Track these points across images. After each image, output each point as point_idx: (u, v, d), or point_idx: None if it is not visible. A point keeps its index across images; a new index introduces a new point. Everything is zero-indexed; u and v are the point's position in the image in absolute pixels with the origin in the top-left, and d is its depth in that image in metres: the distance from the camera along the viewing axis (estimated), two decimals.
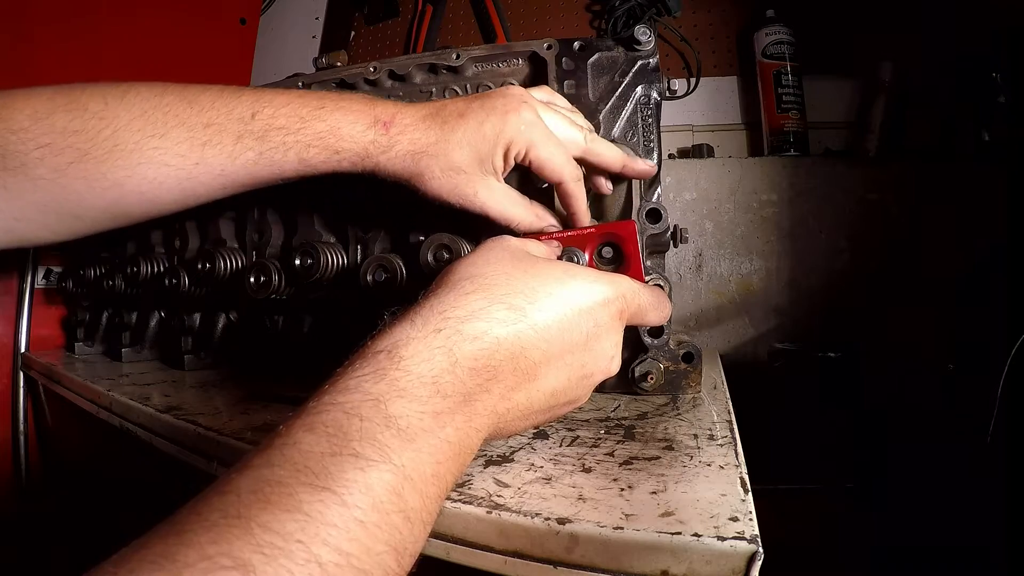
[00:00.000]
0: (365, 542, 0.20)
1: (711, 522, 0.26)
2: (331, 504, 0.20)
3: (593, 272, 0.35)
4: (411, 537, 0.23)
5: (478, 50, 0.56)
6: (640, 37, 0.52)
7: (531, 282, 0.32)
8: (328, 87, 0.62)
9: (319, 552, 0.19)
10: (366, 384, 0.25)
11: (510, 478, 0.32)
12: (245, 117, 0.42)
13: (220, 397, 0.55)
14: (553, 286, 0.32)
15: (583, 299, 0.32)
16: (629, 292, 0.35)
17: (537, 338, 0.30)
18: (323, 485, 0.21)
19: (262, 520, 0.19)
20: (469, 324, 0.28)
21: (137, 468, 0.72)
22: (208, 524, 0.19)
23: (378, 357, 0.26)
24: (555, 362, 0.31)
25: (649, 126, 0.54)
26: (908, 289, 0.92)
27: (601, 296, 0.33)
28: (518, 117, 0.41)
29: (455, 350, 0.27)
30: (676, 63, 1.12)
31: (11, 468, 0.87)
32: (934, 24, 0.96)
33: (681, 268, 1.01)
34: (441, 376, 0.26)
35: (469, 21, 1.26)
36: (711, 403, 0.48)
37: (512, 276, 0.32)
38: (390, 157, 0.43)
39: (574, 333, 0.32)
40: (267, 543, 0.18)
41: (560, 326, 0.31)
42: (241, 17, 1.25)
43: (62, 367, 0.74)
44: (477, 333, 0.28)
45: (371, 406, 0.24)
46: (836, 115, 1.05)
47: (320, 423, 0.23)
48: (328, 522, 0.20)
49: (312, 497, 0.20)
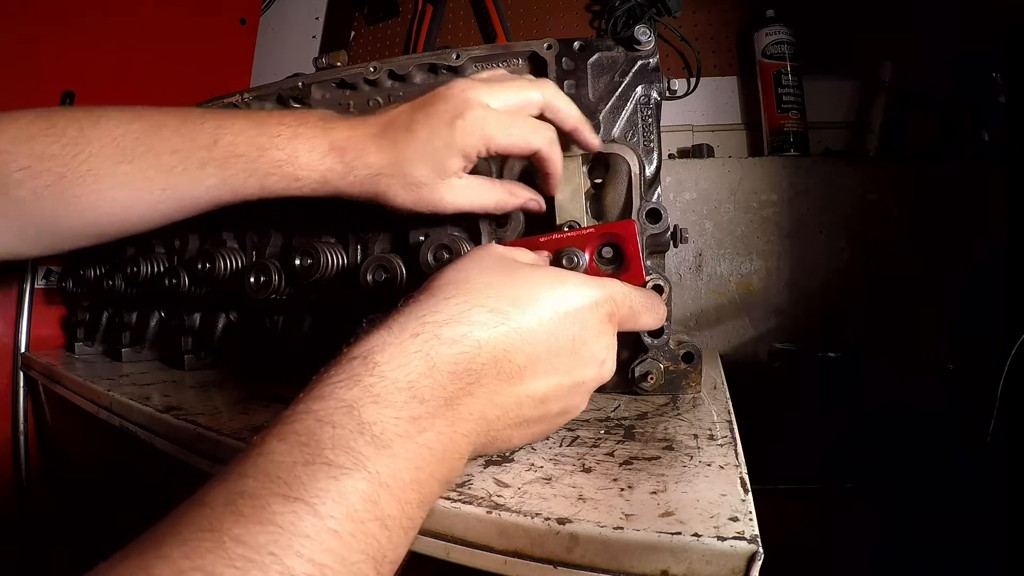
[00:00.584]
0: (340, 552, 0.20)
1: (711, 522, 0.26)
2: (303, 515, 0.20)
3: (580, 276, 0.34)
4: (390, 545, 0.22)
5: (478, 50, 0.56)
6: (640, 37, 0.52)
7: (515, 286, 0.31)
8: (328, 87, 0.62)
9: (292, 564, 0.19)
10: (339, 391, 0.24)
11: (510, 478, 0.32)
12: (208, 144, 0.43)
13: (220, 397, 0.55)
14: (537, 290, 0.31)
15: (569, 303, 0.32)
16: (619, 294, 0.35)
17: (521, 341, 0.30)
18: (295, 496, 0.20)
19: (234, 533, 0.19)
20: (448, 328, 0.28)
21: (137, 468, 0.72)
22: (182, 538, 0.19)
23: (352, 363, 0.26)
24: (542, 366, 0.31)
25: (649, 126, 0.54)
26: (908, 289, 0.92)
27: (589, 299, 0.33)
28: (464, 121, 0.41)
29: (433, 354, 0.27)
30: (676, 63, 1.12)
31: (11, 468, 0.87)
32: (934, 24, 0.96)
33: (681, 268, 1.01)
34: (418, 381, 0.26)
35: (469, 21, 1.26)
36: (711, 403, 0.48)
37: (495, 281, 0.31)
38: (350, 182, 0.43)
39: (560, 337, 0.31)
40: (239, 556, 0.18)
41: (545, 329, 0.31)
42: (241, 17, 1.25)
43: (62, 367, 0.74)
44: (456, 336, 0.28)
45: (344, 413, 0.24)
46: (836, 115, 1.05)
47: (293, 432, 0.23)
48: (301, 533, 0.20)
49: (284, 508, 0.20)
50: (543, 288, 0.32)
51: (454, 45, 0.96)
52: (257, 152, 0.43)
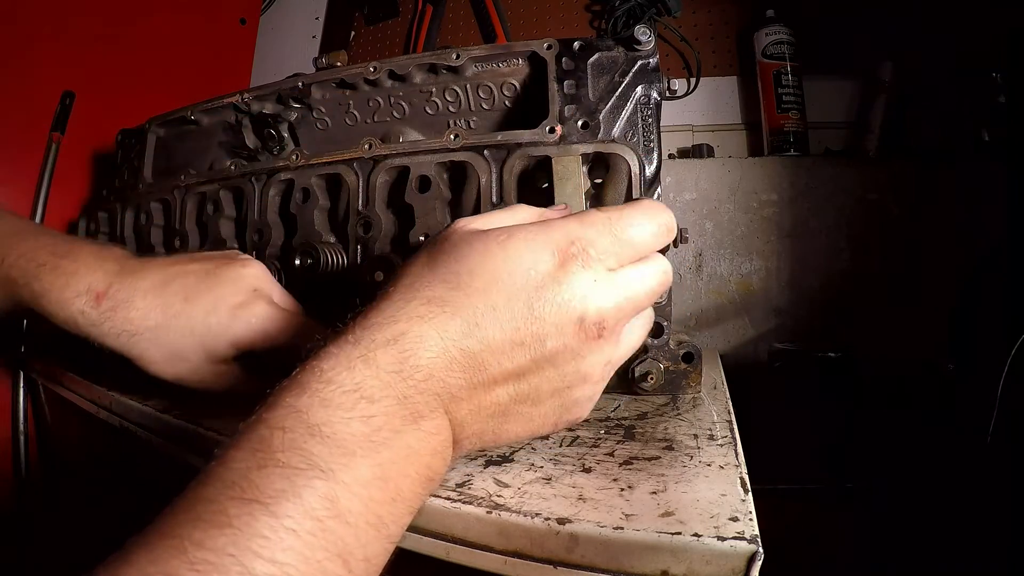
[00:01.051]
0: (300, 550, 0.21)
1: (711, 522, 0.26)
2: (259, 515, 0.21)
3: (528, 227, 0.29)
4: (357, 542, 0.23)
5: (478, 50, 0.56)
6: (640, 37, 0.52)
7: (453, 267, 0.29)
8: (328, 87, 0.62)
9: (251, 564, 0.20)
10: (289, 399, 0.25)
11: (510, 478, 0.32)
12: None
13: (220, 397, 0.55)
14: (480, 262, 0.28)
15: (514, 263, 0.28)
16: (576, 229, 0.29)
17: (466, 325, 0.27)
18: (251, 497, 0.21)
19: (195, 538, 0.20)
20: (386, 329, 0.27)
21: (137, 468, 0.72)
22: (149, 546, 0.20)
23: (301, 374, 0.26)
24: (498, 344, 0.27)
25: (649, 126, 0.54)
26: (908, 289, 0.92)
27: (536, 248, 0.28)
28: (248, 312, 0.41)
29: (372, 358, 0.26)
30: (676, 63, 1.12)
31: (11, 468, 0.87)
32: (934, 24, 0.96)
33: (681, 268, 1.01)
34: (364, 382, 0.25)
35: (469, 21, 1.26)
36: (711, 403, 0.48)
37: (435, 267, 0.29)
38: (102, 332, 0.41)
39: (514, 305, 0.27)
40: (200, 559, 0.19)
41: (491, 304, 0.27)
42: (241, 17, 1.25)
43: (62, 367, 0.74)
44: (394, 336, 0.27)
45: (294, 417, 0.24)
46: (836, 115, 1.05)
47: (246, 439, 0.23)
48: (258, 533, 0.20)
49: (240, 510, 0.21)
50: (485, 257, 0.28)
51: (454, 45, 0.96)
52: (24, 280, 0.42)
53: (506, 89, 0.57)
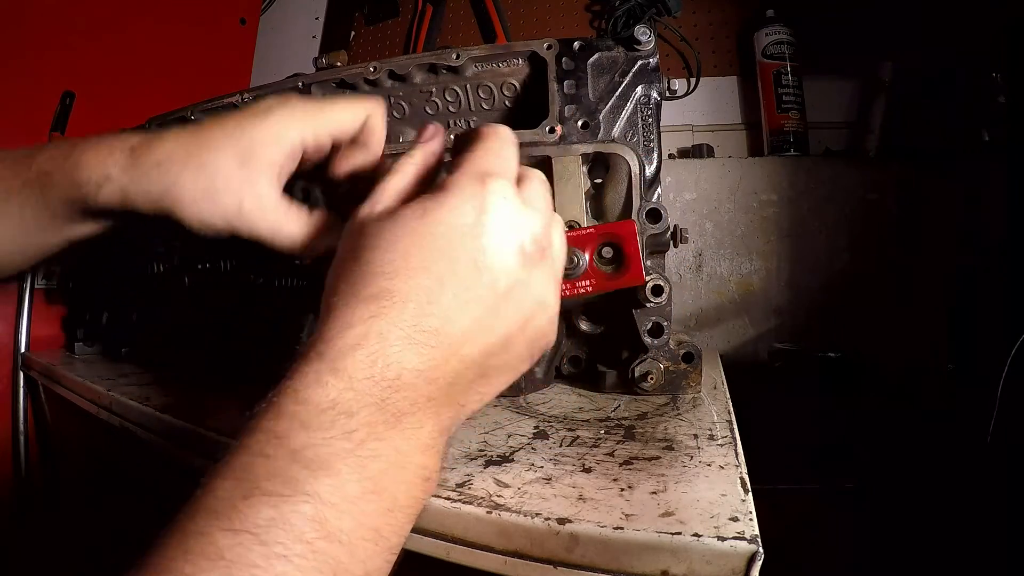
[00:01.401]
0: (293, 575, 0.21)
1: (711, 522, 0.26)
2: (251, 546, 0.21)
3: (437, 194, 0.29)
4: (352, 559, 0.23)
5: (478, 50, 0.56)
6: (640, 37, 0.52)
7: (386, 256, 0.28)
8: (328, 87, 0.62)
9: None
10: (267, 424, 0.25)
11: (510, 478, 0.32)
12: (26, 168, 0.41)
13: (221, 397, 0.55)
14: (405, 244, 0.28)
15: (441, 234, 0.28)
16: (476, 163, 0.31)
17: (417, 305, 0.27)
18: (240, 528, 0.21)
19: (187, 572, 0.20)
20: (346, 335, 0.26)
21: (137, 468, 0.72)
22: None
23: (277, 396, 0.26)
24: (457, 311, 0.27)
25: (649, 126, 0.54)
26: (908, 289, 0.92)
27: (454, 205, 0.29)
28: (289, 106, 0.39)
29: (341, 368, 0.25)
30: (676, 63, 1.12)
31: (11, 468, 0.87)
32: (934, 23, 0.96)
33: (681, 268, 1.01)
34: (340, 397, 0.25)
35: (469, 21, 1.26)
36: (711, 403, 0.48)
37: (367, 263, 0.28)
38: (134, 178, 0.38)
39: (459, 270, 0.28)
40: None
41: (436, 277, 0.27)
42: (241, 17, 1.24)
43: (62, 367, 0.74)
44: (356, 341, 0.26)
45: (275, 444, 0.24)
46: (836, 115, 1.05)
47: (229, 468, 0.23)
48: (250, 563, 0.20)
49: (231, 542, 0.21)
50: (413, 238, 0.28)
51: (454, 45, 0.96)
52: (58, 163, 0.40)
53: (506, 89, 0.57)
